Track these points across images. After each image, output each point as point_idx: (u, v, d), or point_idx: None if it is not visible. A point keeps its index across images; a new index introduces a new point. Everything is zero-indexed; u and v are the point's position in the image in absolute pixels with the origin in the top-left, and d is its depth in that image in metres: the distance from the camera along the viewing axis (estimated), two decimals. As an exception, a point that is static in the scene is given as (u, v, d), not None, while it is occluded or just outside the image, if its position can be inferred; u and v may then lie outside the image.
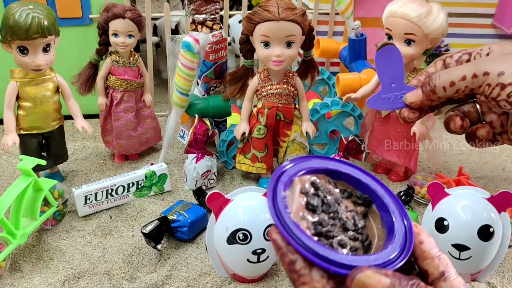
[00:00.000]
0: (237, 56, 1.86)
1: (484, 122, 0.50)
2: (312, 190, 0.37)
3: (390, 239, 0.35)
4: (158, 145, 1.41)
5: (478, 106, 0.50)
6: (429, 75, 0.49)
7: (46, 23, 1.02)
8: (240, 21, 1.72)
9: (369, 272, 0.31)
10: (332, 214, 0.36)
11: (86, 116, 1.21)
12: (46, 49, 1.07)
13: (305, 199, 0.36)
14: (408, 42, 1.11)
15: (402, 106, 0.49)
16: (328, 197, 0.37)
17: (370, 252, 0.35)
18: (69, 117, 1.22)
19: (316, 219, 0.35)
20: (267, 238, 0.92)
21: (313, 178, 0.38)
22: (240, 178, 1.30)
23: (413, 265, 0.35)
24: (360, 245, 0.35)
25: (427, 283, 0.33)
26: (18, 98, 1.11)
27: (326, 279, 0.32)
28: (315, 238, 0.34)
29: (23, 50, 1.05)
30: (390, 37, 1.13)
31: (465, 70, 0.45)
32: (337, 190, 0.38)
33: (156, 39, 1.80)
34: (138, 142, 1.32)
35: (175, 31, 1.71)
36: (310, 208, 0.35)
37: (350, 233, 0.35)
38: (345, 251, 0.34)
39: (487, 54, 0.48)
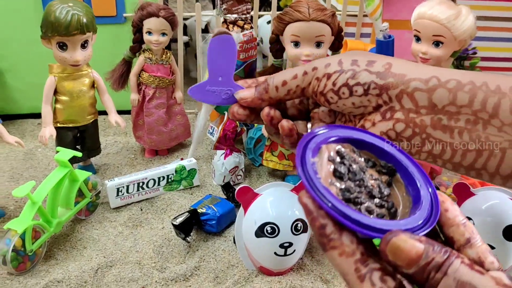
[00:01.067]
0: (264, 57, 1.89)
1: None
2: (338, 159, 0.37)
3: (416, 206, 0.35)
4: (187, 142, 1.45)
5: (309, 123, 0.49)
6: (257, 81, 0.47)
7: (85, 20, 1.06)
8: (268, 22, 1.75)
9: (404, 237, 0.31)
10: (358, 182, 0.36)
11: (117, 112, 1.25)
12: (84, 46, 1.11)
13: (332, 166, 0.36)
14: (437, 43, 1.12)
15: (224, 102, 0.46)
16: (354, 166, 0.37)
17: (396, 219, 0.35)
18: (102, 113, 1.26)
19: (343, 186, 0.35)
20: (294, 232, 0.95)
21: (338, 147, 0.38)
22: (267, 175, 1.32)
23: (437, 233, 0.35)
24: (386, 212, 0.35)
25: None
26: (56, 92, 1.15)
27: (356, 244, 0.32)
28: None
29: (62, 46, 1.09)
30: (418, 39, 1.15)
31: (297, 69, 0.44)
32: (362, 159, 0.38)
33: (186, 38, 1.84)
34: (168, 138, 1.36)
35: (205, 30, 1.75)
36: (338, 175, 0.35)
37: (376, 200, 0.35)
38: (372, 217, 0.34)
39: None
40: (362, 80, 0.40)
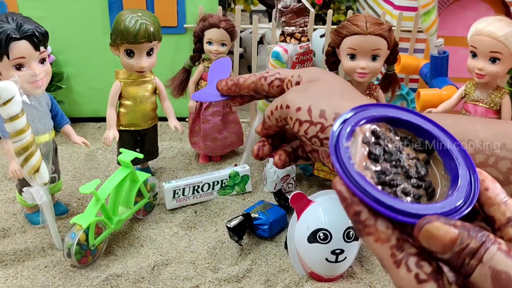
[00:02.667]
0: (315, 70, 1.91)
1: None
2: (373, 139, 0.36)
3: (454, 186, 0.34)
4: (239, 149, 1.49)
5: None
6: (236, 80, 0.51)
7: (152, 29, 1.12)
8: (321, 36, 1.78)
9: (437, 224, 0.30)
10: (394, 163, 0.35)
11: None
12: (149, 53, 1.17)
13: (367, 148, 0.35)
14: (493, 60, 1.13)
15: (220, 99, 0.52)
16: (390, 146, 0.36)
17: (434, 199, 0.34)
18: (159, 119, 1.31)
19: (379, 168, 0.34)
20: (346, 239, 0.97)
21: (374, 126, 0.37)
22: (317, 185, 1.35)
23: (477, 210, 0.34)
24: (424, 192, 0.34)
25: (494, 229, 0.32)
26: (120, 97, 1.21)
27: (391, 229, 0.32)
28: (379, 187, 0.33)
29: (129, 53, 1.15)
30: (475, 55, 1.15)
31: (278, 100, 0.46)
32: (398, 138, 0.37)
33: (240, 50, 1.89)
34: (222, 144, 1.40)
35: (260, 43, 1.79)
36: (373, 157, 0.35)
37: (413, 180, 0.34)
38: (409, 199, 0.33)
39: (297, 83, 0.47)
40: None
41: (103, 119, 1.59)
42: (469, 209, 0.33)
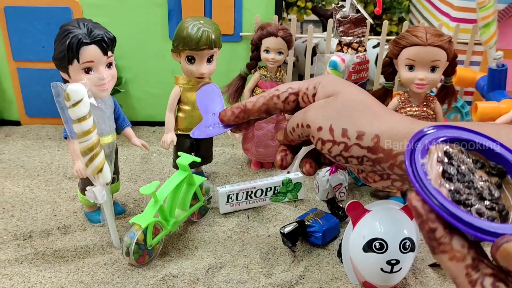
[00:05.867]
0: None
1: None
2: (446, 159, 0.36)
3: None
4: (291, 157, 1.50)
5: None
6: (243, 106, 0.50)
7: (213, 36, 1.15)
8: (374, 47, 1.78)
9: None
10: (467, 184, 0.35)
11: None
12: (209, 60, 1.20)
13: (441, 167, 0.36)
14: (557, 74, 1.11)
15: (224, 131, 0.51)
16: (462, 167, 0.36)
17: (508, 222, 0.34)
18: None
19: (452, 187, 0.35)
20: (402, 250, 0.96)
21: (446, 147, 0.37)
22: (369, 195, 1.35)
23: None
24: (497, 215, 0.34)
25: None
26: (179, 102, 1.25)
27: (466, 248, 0.32)
28: None
29: (190, 59, 1.18)
30: (537, 68, 1.14)
31: (299, 117, 0.46)
32: (470, 160, 0.37)
33: (293, 59, 1.91)
34: (274, 151, 1.42)
35: (313, 52, 1.80)
36: (447, 176, 0.35)
37: (487, 202, 0.34)
38: (484, 220, 0.33)
39: (314, 95, 0.47)
40: (355, 154, 0.43)
41: (157, 123, 1.63)
42: None
